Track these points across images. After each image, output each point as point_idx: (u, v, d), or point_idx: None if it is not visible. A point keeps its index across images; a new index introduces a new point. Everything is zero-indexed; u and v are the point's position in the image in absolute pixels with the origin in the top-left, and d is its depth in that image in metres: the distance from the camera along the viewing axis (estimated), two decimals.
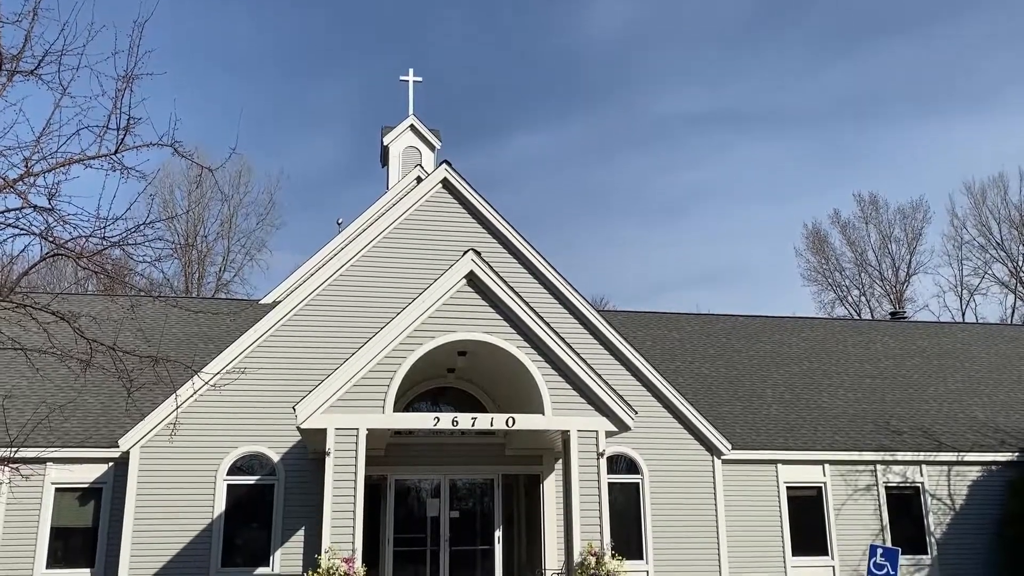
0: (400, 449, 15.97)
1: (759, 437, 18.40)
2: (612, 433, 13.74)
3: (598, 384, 13.57)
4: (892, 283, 47.37)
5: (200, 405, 15.75)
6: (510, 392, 15.09)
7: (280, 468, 15.80)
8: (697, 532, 16.62)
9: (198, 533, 15.27)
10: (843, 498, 18.11)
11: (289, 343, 16.20)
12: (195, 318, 21.34)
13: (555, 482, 16.23)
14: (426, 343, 13.40)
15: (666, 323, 23.61)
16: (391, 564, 15.49)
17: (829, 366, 22.26)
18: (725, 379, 20.90)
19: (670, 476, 16.85)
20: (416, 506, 16.30)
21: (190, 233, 40.99)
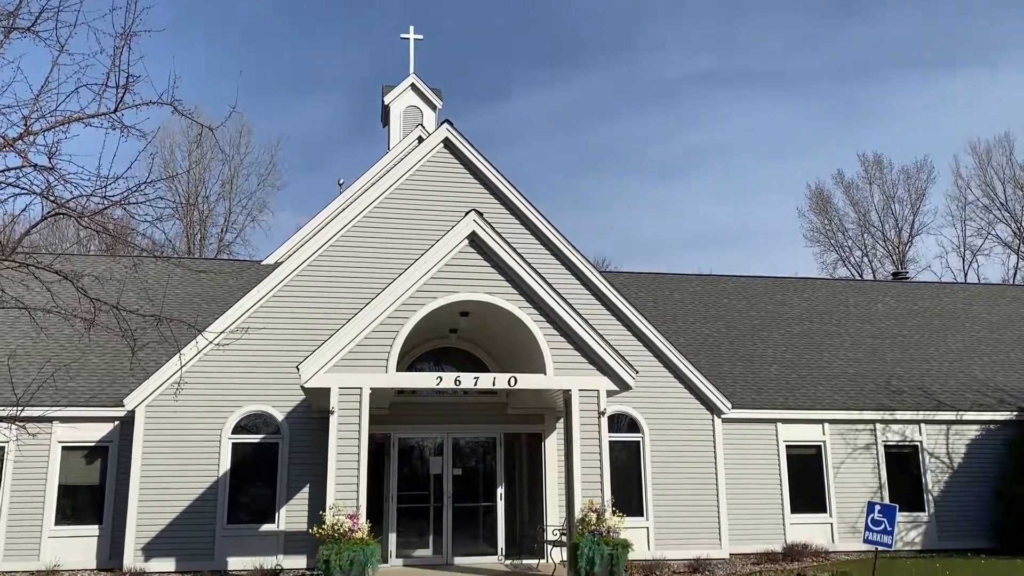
0: (403, 408, 16.11)
1: (759, 396, 18.52)
2: (613, 392, 13.83)
3: (599, 344, 13.62)
4: (895, 244, 47.28)
5: (204, 365, 15.85)
6: (512, 352, 15.16)
7: (284, 427, 15.95)
8: (697, 490, 16.81)
9: (204, 491, 15.47)
10: (842, 457, 18.28)
11: (292, 303, 16.25)
12: (198, 279, 21.39)
13: (557, 440, 16.39)
14: (428, 304, 13.44)
15: (668, 284, 23.62)
16: (395, 520, 15.71)
17: (830, 326, 22.32)
18: (726, 339, 20.97)
19: (671, 435, 17.00)
20: (419, 464, 16.49)
21: (191, 194, 40.88)
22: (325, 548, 11.85)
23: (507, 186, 17.07)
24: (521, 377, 13.53)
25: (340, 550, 11.72)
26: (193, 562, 15.04)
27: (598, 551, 12.32)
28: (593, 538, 12.49)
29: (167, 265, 22.44)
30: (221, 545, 15.28)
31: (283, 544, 15.42)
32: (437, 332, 15.75)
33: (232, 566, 15.08)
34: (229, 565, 15.13)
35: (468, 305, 13.81)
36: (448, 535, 15.80)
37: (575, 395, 13.52)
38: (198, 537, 15.25)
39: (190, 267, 22.40)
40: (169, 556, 15.04)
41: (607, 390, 13.61)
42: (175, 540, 15.13)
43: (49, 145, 7.19)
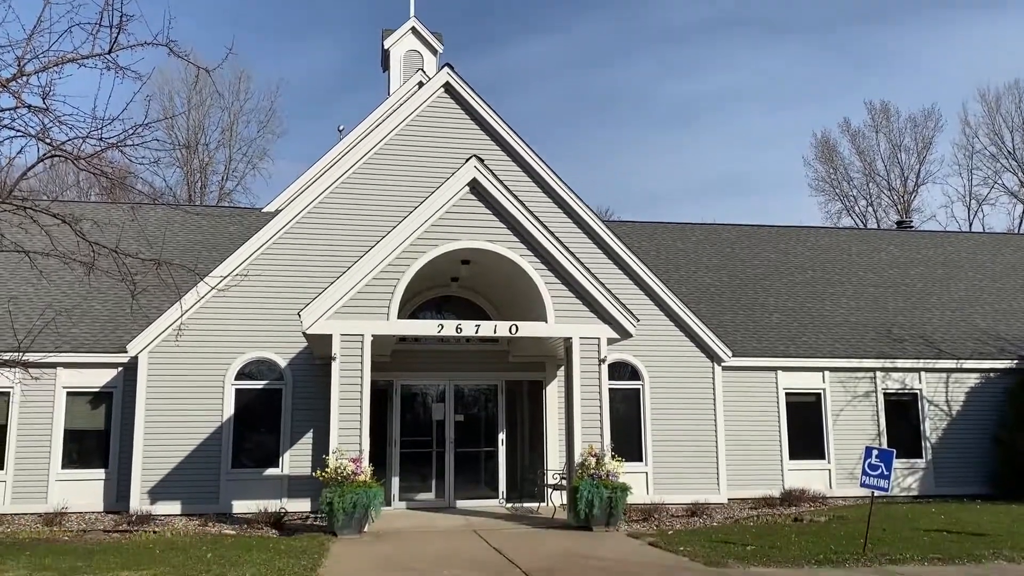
0: (405, 355, 16.19)
1: (760, 345, 18.59)
2: (614, 340, 13.88)
3: (600, 292, 13.62)
4: (900, 193, 46.97)
5: (206, 311, 15.90)
6: (513, 300, 15.19)
7: (287, 373, 16.06)
8: (696, 436, 16.97)
9: (208, 436, 15.65)
10: (841, 404, 18.41)
11: (293, 250, 16.23)
12: (198, 226, 21.35)
13: (557, 388, 16.51)
14: (429, 251, 13.41)
15: (671, 233, 23.54)
16: (398, 465, 15.92)
17: (833, 275, 22.29)
18: (728, 288, 20.97)
19: (671, 383, 17.11)
20: (422, 411, 16.65)
21: (191, 140, 40.54)
22: (328, 491, 12.03)
23: (509, 132, 16.91)
24: (522, 325, 13.58)
25: (343, 493, 11.90)
26: (198, 505, 15.28)
27: (597, 494, 12.49)
28: (592, 482, 12.66)
29: (167, 212, 22.43)
30: (226, 489, 15.51)
31: (287, 488, 15.65)
32: (438, 280, 15.76)
33: (237, 509, 15.33)
34: (234, 508, 15.38)
35: (469, 253, 13.79)
36: (450, 479, 16.03)
37: (576, 343, 13.57)
38: (203, 481, 15.47)
39: (190, 212, 22.37)
40: (175, 499, 15.29)
41: (608, 338, 13.66)
42: (180, 484, 15.36)
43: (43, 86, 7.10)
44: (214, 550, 10.66)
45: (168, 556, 10.23)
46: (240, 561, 9.77)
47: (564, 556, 10.28)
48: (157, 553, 10.51)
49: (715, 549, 10.80)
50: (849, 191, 48.10)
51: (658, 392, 17.08)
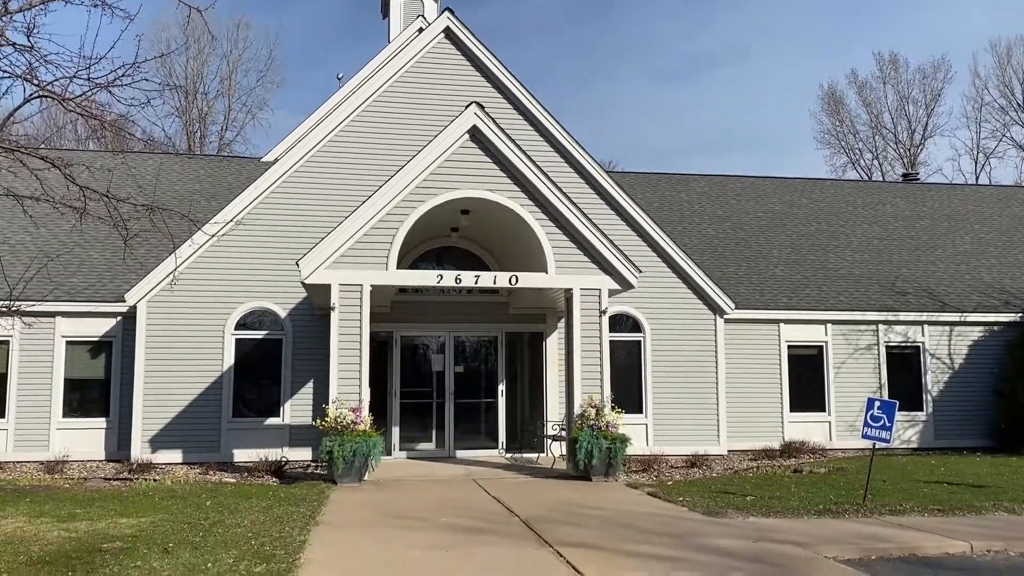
0: (405, 306, 16.10)
1: (763, 297, 18.46)
2: (615, 291, 13.75)
3: (602, 243, 13.44)
4: (906, 146, 46.40)
5: (205, 261, 15.78)
6: (514, 251, 15.02)
7: (287, 323, 15.99)
8: (697, 389, 16.94)
9: (208, 385, 15.64)
10: (843, 357, 18.34)
11: (292, 199, 16.04)
12: (196, 176, 21.11)
13: (557, 339, 16.43)
14: (428, 200, 13.21)
15: (675, 184, 23.26)
16: (398, 415, 15.92)
17: (837, 227, 22.06)
18: (732, 240, 20.77)
19: (672, 335, 17.03)
20: (422, 362, 16.61)
21: (189, 90, 39.99)
22: (328, 440, 12.02)
23: (511, 79, 16.57)
24: (522, 276, 13.43)
25: (343, 442, 11.88)
26: (199, 454, 15.33)
27: (596, 444, 12.48)
28: (592, 432, 12.64)
29: (165, 161, 22.16)
30: (226, 438, 15.55)
31: (288, 437, 15.69)
32: (438, 231, 15.59)
33: (238, 458, 15.37)
34: (235, 457, 15.43)
35: (469, 203, 13.59)
36: (450, 430, 16.05)
37: (576, 294, 13.44)
38: (204, 430, 15.50)
39: (188, 160, 22.12)
40: (175, 448, 15.33)
41: (609, 289, 13.52)
42: (181, 433, 15.39)
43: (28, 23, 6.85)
44: (213, 498, 10.67)
45: (167, 504, 10.25)
46: (239, 508, 9.77)
47: (562, 505, 10.27)
48: (156, 500, 10.52)
49: (714, 499, 10.80)
50: (855, 144, 47.55)
51: (659, 344, 17.00)
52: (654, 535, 8.42)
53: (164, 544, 7.78)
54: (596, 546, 7.83)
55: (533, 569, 7.02)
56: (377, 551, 7.69)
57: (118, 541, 7.91)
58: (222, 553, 7.37)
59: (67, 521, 9.05)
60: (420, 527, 8.78)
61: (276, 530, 8.46)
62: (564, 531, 8.53)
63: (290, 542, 7.83)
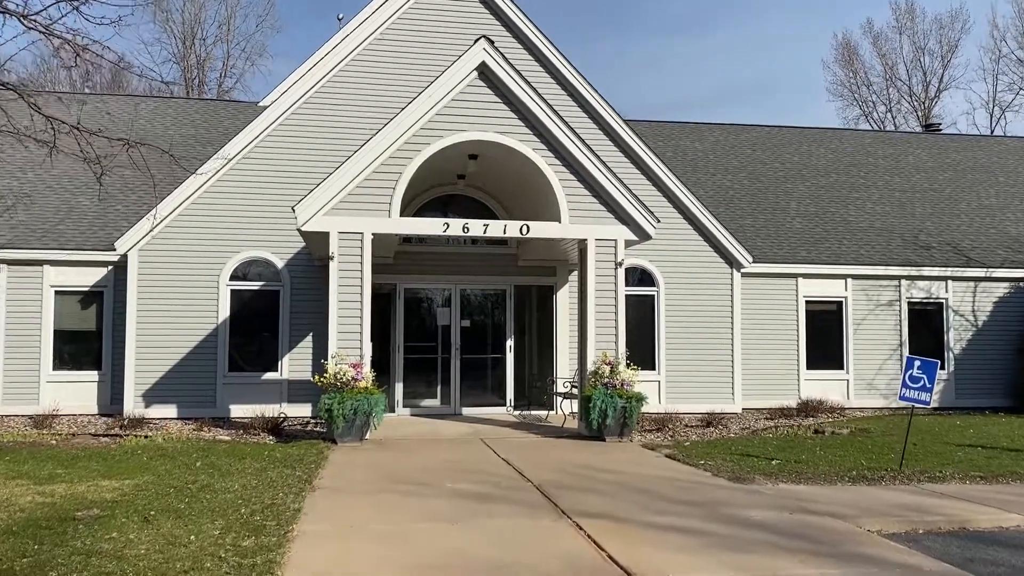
0: (409, 258, 15.26)
1: (781, 250, 17.57)
2: (631, 242, 12.86)
3: (618, 190, 12.52)
4: (921, 99, 44.98)
5: (197, 207, 14.90)
6: (524, 199, 14.11)
7: (285, 274, 15.15)
8: (711, 345, 16.16)
9: (203, 338, 14.87)
10: (863, 313, 17.51)
11: (290, 143, 15.09)
12: (192, 120, 20.09)
13: (569, 293, 15.61)
14: (433, 143, 12.25)
15: (689, 133, 22.19)
16: (402, 371, 15.18)
17: (857, 179, 21.06)
18: (748, 192, 19.80)
19: (687, 289, 16.18)
20: (427, 316, 15.80)
21: (187, 36, 38.59)
22: (328, 397, 11.27)
23: (521, 17, 15.47)
24: (534, 225, 12.53)
25: (343, 399, 11.13)
26: (195, 409, 14.62)
27: (611, 403, 11.71)
28: (606, 391, 11.86)
29: (159, 105, 21.12)
30: (223, 393, 14.82)
31: (286, 393, 14.96)
32: (444, 178, 14.66)
33: (234, 413, 14.67)
34: (231, 413, 14.72)
35: (477, 146, 12.63)
36: (456, 386, 15.31)
37: (591, 245, 12.55)
38: (199, 384, 14.78)
39: (183, 105, 21.09)
40: (170, 403, 14.61)
41: (625, 240, 12.63)
42: (175, 387, 14.67)
43: None
44: (204, 457, 9.95)
45: (155, 464, 9.52)
46: (231, 471, 9.04)
47: (576, 468, 9.54)
48: (144, 460, 9.80)
49: (738, 463, 10.05)
50: (868, 96, 46.12)
51: (673, 299, 16.17)
52: (680, 505, 7.66)
53: (145, 512, 7.04)
54: (618, 517, 7.07)
55: (552, 545, 6.27)
56: (378, 522, 6.94)
57: (96, 508, 7.16)
58: (207, 523, 6.62)
59: (45, 483, 8.32)
60: (425, 493, 8.04)
61: (268, 496, 7.72)
62: (581, 499, 7.78)
63: (283, 511, 7.08)
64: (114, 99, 20.87)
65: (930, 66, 44.94)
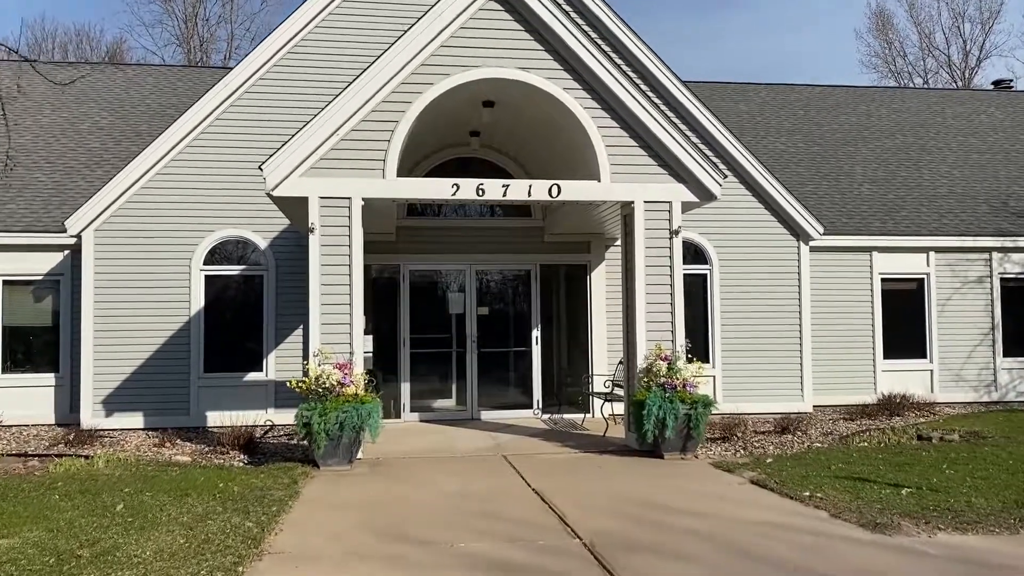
0: (414, 234, 12.51)
1: (851, 221, 14.61)
2: (690, 206, 9.98)
3: (673, 139, 9.64)
4: (960, 69, 41.50)
5: (165, 179, 12.23)
6: (553, 158, 11.26)
7: (269, 256, 12.44)
8: (776, 332, 13.27)
9: (175, 333, 12.20)
10: (948, 292, 14.52)
11: (273, 101, 12.36)
12: (172, 89, 17.38)
13: (606, 273, 12.77)
14: (438, 83, 9.42)
15: (731, 94, 19.19)
16: (408, 368, 12.43)
17: (927, 140, 18.00)
18: (805, 155, 16.82)
19: (746, 267, 13.29)
20: (437, 303, 13.02)
21: (189, 17, 35.95)
22: (306, 407, 8.53)
23: None
24: (567, 185, 9.67)
25: (326, 410, 8.38)
26: (164, 417, 11.97)
27: (670, 410, 8.86)
28: (664, 394, 9.02)
29: (138, 72, 18.44)
30: (198, 398, 12.15)
31: (273, 396, 12.26)
32: (453, 136, 11.87)
33: (213, 421, 12.01)
34: (209, 421, 12.06)
35: (493, 87, 9.78)
36: (473, 386, 12.54)
37: (639, 209, 9.68)
38: (169, 388, 12.11)
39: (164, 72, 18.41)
40: (135, 410, 11.97)
41: (683, 202, 9.75)
42: (141, 392, 12.02)
43: None
44: (137, 495, 7.23)
45: (64, 506, 6.81)
46: (157, 520, 6.30)
47: (637, 508, 6.74)
48: (55, 500, 7.09)
49: (854, 492, 7.19)
50: (904, 67, 42.67)
51: (730, 278, 13.28)
52: None
53: None
54: None
55: None
56: None
57: None
58: None
59: None
60: (424, 564, 5.27)
61: (189, 570, 4.99)
62: (658, 573, 4.98)
63: None
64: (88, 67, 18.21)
65: (970, 33, 41.51)
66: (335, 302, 9.11)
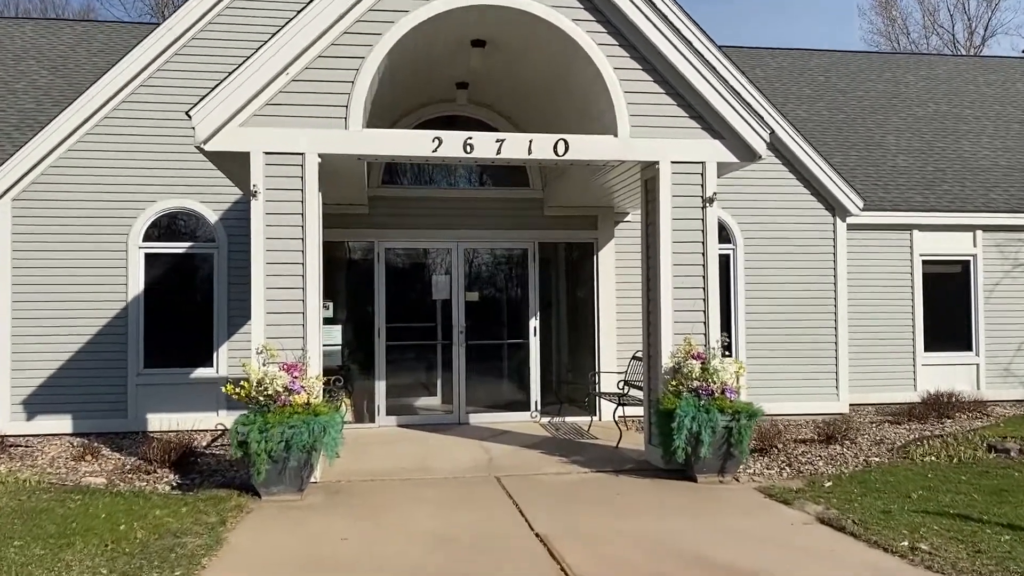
0: (391, 205, 10.51)
1: (888, 195, 12.69)
2: (728, 167, 8.01)
3: (708, 83, 7.64)
4: (965, 47, 39.56)
5: (97, 141, 10.19)
6: (557, 112, 9.25)
7: (220, 231, 10.41)
8: (807, 321, 11.35)
9: (108, 322, 10.18)
10: (997, 277, 12.65)
11: (224, 48, 10.29)
12: (127, 46, 15.21)
13: (615, 253, 10.82)
14: (415, 9, 7.38)
15: (745, 59, 17.10)
16: (384, 364, 10.44)
17: (962, 109, 16.07)
18: (830, 124, 14.87)
19: (774, 246, 11.35)
20: (419, 287, 11.02)
21: None
22: (243, 420, 6.53)
23: None
24: (576, 141, 7.66)
25: (267, 425, 6.39)
26: (98, 420, 9.98)
27: (706, 423, 6.92)
28: (698, 401, 7.08)
29: (88, 29, 16.25)
30: (137, 397, 10.15)
31: (225, 396, 10.11)
32: (437, 88, 9.86)
33: (154, 426, 10.03)
34: (150, 424, 10.07)
35: (485, 16, 7.73)
36: (460, 384, 10.56)
37: (665, 172, 7.69)
38: (102, 386, 10.10)
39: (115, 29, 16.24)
40: (62, 413, 9.96)
41: (718, 163, 7.77)
42: (70, 390, 10.00)
43: None
44: (2, 544, 5.25)
45: None
46: None
47: (682, 567, 4.80)
48: None
49: (971, 542, 5.23)
50: (907, 46, 40.69)
51: (756, 259, 11.34)
52: None
53: None
54: None
55: None
56: None
57: None
58: None
59: None
60: None
61: None
62: None
63: None
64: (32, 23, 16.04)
65: (976, 11, 39.54)
66: (284, 285, 7.10)
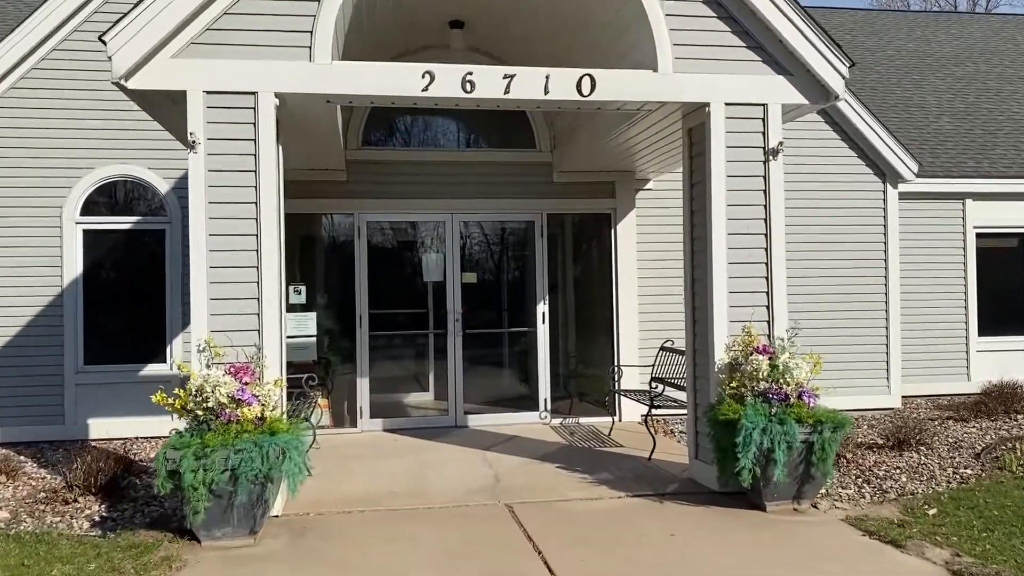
0: (374, 171, 8.80)
1: (937, 160, 11.07)
2: (796, 111, 6.34)
3: (773, 3, 5.96)
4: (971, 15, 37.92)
5: (24, 95, 8.44)
6: (572, 47, 7.54)
7: (173, 203, 8.69)
8: (853, 303, 9.76)
9: (41, 311, 8.46)
10: None
11: None
12: None
13: (636, 225, 9.16)
14: None
15: None
16: (367, 357, 8.77)
17: (1005, 69, 14.46)
18: (863, 84, 13.19)
19: (815, 217, 9.73)
20: (407, 267, 9.35)
21: None
22: (176, 441, 4.88)
23: None
24: (605, 77, 5.93)
25: (207, 449, 4.73)
26: (28, 427, 8.32)
27: (781, 436, 5.28)
28: (768, 407, 5.45)
29: None
30: (75, 400, 8.45)
31: None
32: (427, 28, 8.16)
33: (98, 432, 8.36)
34: (92, 431, 8.40)
35: None
36: (456, 380, 8.90)
37: (717, 116, 6.00)
38: (35, 386, 8.42)
39: None
40: None
41: (784, 104, 6.10)
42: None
43: None
44: None
45: None
46: None
47: None
48: None
49: None
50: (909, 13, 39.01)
51: (794, 232, 9.68)
52: None
53: None
54: None
55: None
56: None
57: None
58: None
59: None
60: None
61: None
62: None
63: None
64: None
65: None
66: (234, 263, 5.41)
